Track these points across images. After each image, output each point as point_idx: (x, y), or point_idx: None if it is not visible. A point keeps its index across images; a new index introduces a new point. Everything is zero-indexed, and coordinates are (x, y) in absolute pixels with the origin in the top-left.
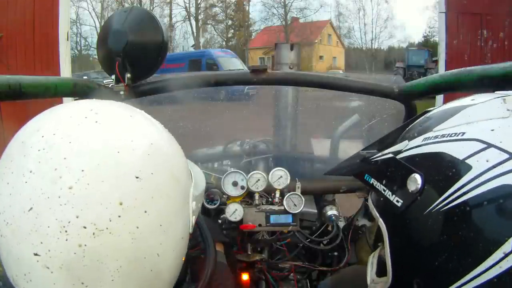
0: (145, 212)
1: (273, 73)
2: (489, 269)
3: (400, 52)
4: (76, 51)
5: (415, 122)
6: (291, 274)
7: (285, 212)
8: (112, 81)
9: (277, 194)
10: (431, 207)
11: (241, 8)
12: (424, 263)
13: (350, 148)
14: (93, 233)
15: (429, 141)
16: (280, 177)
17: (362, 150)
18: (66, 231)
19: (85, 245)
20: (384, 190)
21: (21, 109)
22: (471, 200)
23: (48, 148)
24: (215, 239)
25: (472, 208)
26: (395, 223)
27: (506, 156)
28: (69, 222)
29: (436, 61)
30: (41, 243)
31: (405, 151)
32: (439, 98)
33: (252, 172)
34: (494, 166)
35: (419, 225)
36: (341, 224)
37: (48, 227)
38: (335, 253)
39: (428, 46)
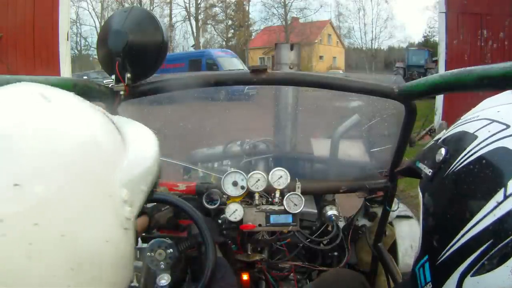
0: (35, 224)
1: (273, 73)
2: (485, 217)
3: (400, 52)
4: (76, 51)
5: None
6: (291, 274)
7: (285, 212)
8: (112, 81)
9: (277, 194)
10: (447, 171)
11: (241, 8)
12: (440, 221)
13: (350, 148)
14: None
15: (456, 125)
16: (280, 177)
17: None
18: None
19: None
20: (424, 168)
21: None
22: (473, 160)
23: None
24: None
25: (474, 167)
26: (425, 191)
27: (504, 126)
28: None
29: (436, 61)
30: None
31: (442, 136)
32: (439, 98)
33: (252, 172)
34: (493, 134)
35: (439, 187)
36: (341, 224)
37: None
38: (335, 253)
39: (428, 46)
